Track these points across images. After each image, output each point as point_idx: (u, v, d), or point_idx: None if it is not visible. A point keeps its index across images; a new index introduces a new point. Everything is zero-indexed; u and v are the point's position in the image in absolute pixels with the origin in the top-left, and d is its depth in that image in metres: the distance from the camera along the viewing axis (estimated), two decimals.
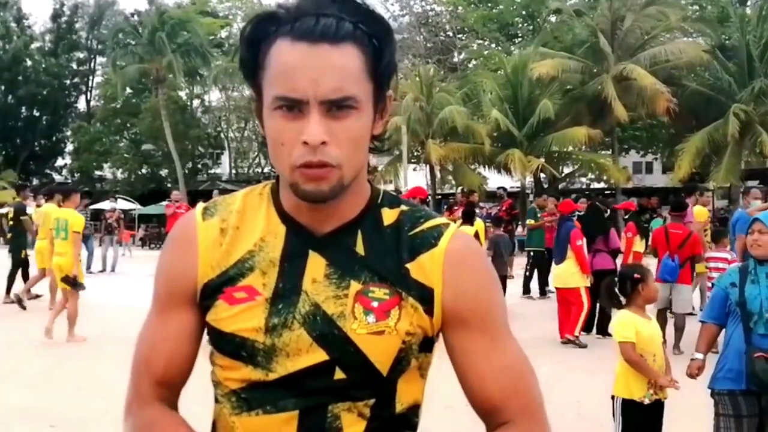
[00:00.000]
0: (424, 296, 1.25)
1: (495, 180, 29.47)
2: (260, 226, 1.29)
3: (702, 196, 11.21)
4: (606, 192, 31.23)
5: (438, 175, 30.31)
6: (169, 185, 36.20)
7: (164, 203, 20.77)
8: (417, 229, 1.28)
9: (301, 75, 1.14)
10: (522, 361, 1.30)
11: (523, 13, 36.50)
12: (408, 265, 1.25)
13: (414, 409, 1.31)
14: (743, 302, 3.78)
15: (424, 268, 1.25)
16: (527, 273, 13.44)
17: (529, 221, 13.75)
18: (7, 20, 43.00)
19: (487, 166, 29.30)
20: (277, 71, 1.17)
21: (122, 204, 25.37)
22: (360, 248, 1.26)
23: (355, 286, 1.24)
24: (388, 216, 1.30)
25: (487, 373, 1.26)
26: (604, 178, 30.77)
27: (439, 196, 30.57)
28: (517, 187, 28.69)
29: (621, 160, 33.39)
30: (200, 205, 1.35)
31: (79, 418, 5.84)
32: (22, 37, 42.79)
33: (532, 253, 13.51)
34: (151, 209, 31.27)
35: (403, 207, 1.32)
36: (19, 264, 12.61)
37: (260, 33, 1.20)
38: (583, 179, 36.30)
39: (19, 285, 12.22)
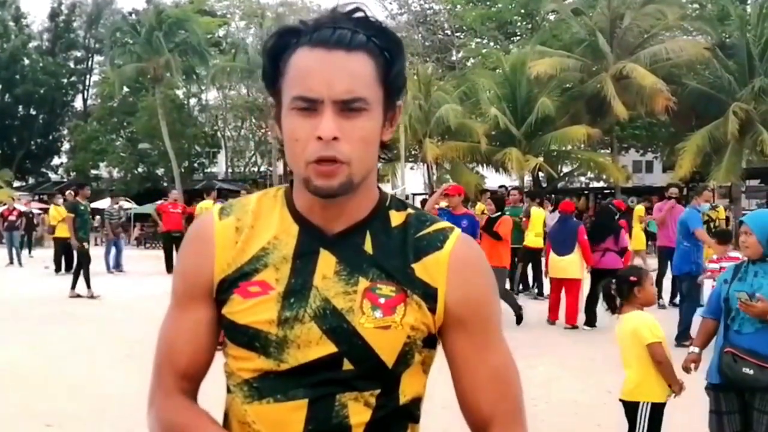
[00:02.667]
0: (428, 295, 1.32)
1: (493, 179, 29.48)
2: (274, 225, 1.37)
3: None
4: (605, 191, 31.25)
5: (435, 173, 30.30)
6: (165, 184, 36.12)
7: (159, 202, 20.71)
8: (423, 232, 1.36)
9: (317, 77, 1.24)
10: (510, 365, 1.40)
11: (522, 11, 36.56)
12: (414, 265, 1.33)
13: (416, 402, 1.38)
14: (727, 299, 3.84)
15: (429, 268, 1.33)
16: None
17: None
18: (5, 19, 42.94)
19: (484, 165, 29.31)
20: (296, 74, 1.27)
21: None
22: (369, 247, 1.34)
23: (363, 282, 1.31)
24: (396, 218, 1.38)
25: (479, 377, 1.36)
26: (604, 176, 30.77)
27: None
28: (516, 186, 28.68)
29: (621, 159, 33.43)
30: (217, 206, 1.44)
31: (76, 417, 5.81)
32: (19, 35, 42.78)
33: None
34: (147, 208, 31.07)
35: (410, 210, 1.40)
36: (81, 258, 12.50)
37: (282, 44, 1.30)
38: (582, 178, 36.35)
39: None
